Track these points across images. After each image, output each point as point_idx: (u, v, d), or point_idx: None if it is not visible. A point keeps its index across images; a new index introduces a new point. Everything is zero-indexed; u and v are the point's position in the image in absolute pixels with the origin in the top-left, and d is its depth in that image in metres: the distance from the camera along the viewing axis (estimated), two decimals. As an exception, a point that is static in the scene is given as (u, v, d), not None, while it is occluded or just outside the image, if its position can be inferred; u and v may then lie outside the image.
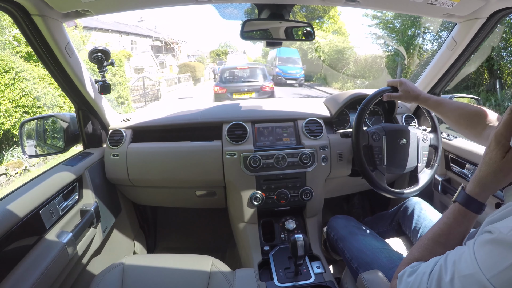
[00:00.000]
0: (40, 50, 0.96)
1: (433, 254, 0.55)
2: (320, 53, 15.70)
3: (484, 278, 0.40)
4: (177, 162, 1.28)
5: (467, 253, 0.45)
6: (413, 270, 0.54)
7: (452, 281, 0.44)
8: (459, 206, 0.57)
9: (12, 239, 0.78)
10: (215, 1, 1.03)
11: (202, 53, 38.48)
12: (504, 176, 0.54)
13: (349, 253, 1.01)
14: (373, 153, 1.18)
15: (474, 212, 0.57)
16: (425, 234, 0.62)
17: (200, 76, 20.86)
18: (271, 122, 1.35)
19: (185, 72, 19.18)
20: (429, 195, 1.42)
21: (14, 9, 0.83)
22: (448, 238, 0.57)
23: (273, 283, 1.02)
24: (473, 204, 0.56)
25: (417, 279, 0.51)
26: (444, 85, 1.36)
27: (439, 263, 0.49)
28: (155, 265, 0.97)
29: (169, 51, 26.36)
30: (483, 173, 0.56)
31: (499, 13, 0.97)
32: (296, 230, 1.28)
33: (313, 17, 18.46)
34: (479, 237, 0.46)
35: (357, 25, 55.07)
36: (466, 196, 0.57)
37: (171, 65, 23.51)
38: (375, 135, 1.18)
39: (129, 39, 22.01)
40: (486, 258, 0.42)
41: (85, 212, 1.11)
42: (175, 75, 18.26)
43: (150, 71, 20.18)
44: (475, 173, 0.58)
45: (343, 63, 14.43)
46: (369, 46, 29.04)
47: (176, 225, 1.89)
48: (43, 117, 1.27)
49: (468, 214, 0.57)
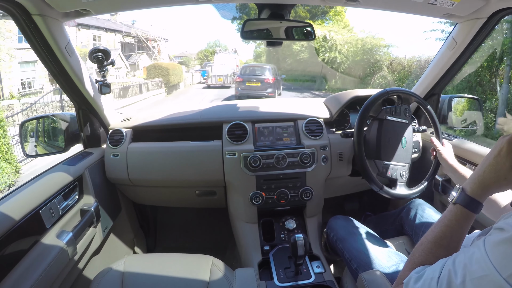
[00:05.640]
0: (40, 50, 0.96)
1: (437, 258, 0.55)
2: (336, 54, 12.48)
3: (500, 278, 0.39)
4: (177, 162, 1.28)
5: (478, 254, 0.44)
6: (419, 276, 0.53)
7: (463, 283, 0.44)
8: (461, 208, 0.57)
9: (12, 238, 0.78)
10: (215, 1, 1.03)
11: (189, 55, 34.99)
12: (507, 184, 0.54)
13: (349, 253, 1.01)
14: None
15: (475, 212, 0.57)
16: (426, 236, 0.61)
17: (177, 82, 16.76)
18: (271, 122, 1.35)
19: (155, 77, 14.92)
20: (429, 195, 1.42)
21: (14, 9, 0.83)
22: (450, 241, 0.57)
23: (273, 283, 1.02)
24: (474, 205, 0.56)
25: (424, 285, 0.50)
26: (444, 85, 1.36)
27: (446, 267, 0.48)
28: (155, 264, 0.98)
29: (144, 50, 21.61)
30: (487, 176, 0.55)
31: (500, 13, 0.97)
32: (296, 230, 1.28)
33: (316, 12, 16.72)
34: (489, 236, 0.45)
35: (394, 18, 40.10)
36: (468, 197, 0.56)
37: (145, 66, 19.10)
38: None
39: (90, 34, 17.06)
40: (501, 257, 0.41)
41: (85, 212, 1.11)
42: (143, 80, 14.38)
43: (118, 74, 16.76)
44: (477, 175, 0.57)
45: (373, 68, 10.92)
46: (415, 47, 23.03)
47: (176, 225, 1.89)
48: (43, 117, 1.27)
49: (470, 215, 0.57)
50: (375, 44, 11.64)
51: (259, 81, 10.61)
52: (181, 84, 18.11)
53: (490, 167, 0.55)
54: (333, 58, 12.66)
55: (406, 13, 1.10)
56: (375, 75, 10.67)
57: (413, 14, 1.10)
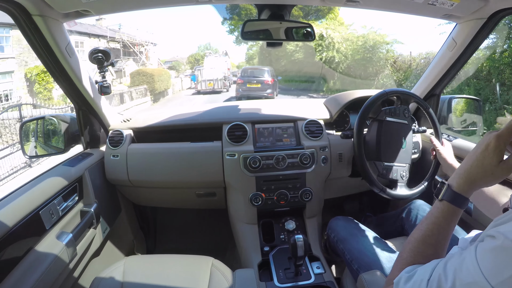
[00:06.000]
0: (40, 50, 0.96)
1: (425, 256, 0.55)
2: (334, 53, 11.60)
3: (489, 286, 0.40)
4: (177, 163, 1.28)
5: (468, 260, 0.44)
6: (409, 276, 0.52)
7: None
8: (447, 204, 0.56)
9: (12, 240, 0.78)
10: (215, 1, 1.03)
11: (181, 59, 33.77)
12: (494, 179, 0.55)
13: (350, 254, 1.01)
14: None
15: (462, 208, 0.56)
16: (413, 235, 0.60)
17: (164, 88, 15.64)
18: (271, 123, 1.35)
19: (139, 84, 14.08)
20: (430, 195, 1.42)
21: (14, 9, 0.83)
22: (438, 238, 0.57)
23: (273, 284, 1.02)
24: (461, 201, 0.56)
25: (414, 286, 0.50)
26: (444, 86, 1.36)
27: (437, 271, 0.48)
28: (155, 266, 0.97)
29: (131, 55, 19.92)
30: (474, 171, 0.55)
31: (500, 14, 0.97)
32: (296, 231, 1.28)
33: (309, 11, 15.26)
34: (481, 243, 0.45)
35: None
36: (454, 194, 0.56)
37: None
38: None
39: (72, 40, 15.46)
40: (491, 265, 0.41)
41: (85, 213, 1.11)
42: (126, 88, 13.33)
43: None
44: (463, 170, 0.57)
45: (375, 67, 9.97)
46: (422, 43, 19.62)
47: (176, 226, 1.88)
48: (43, 118, 1.27)
49: (457, 211, 0.56)
50: (377, 40, 10.60)
51: (259, 83, 11.28)
52: (170, 90, 16.95)
53: (477, 163, 0.55)
54: (331, 57, 11.84)
55: (405, 14, 1.10)
56: (379, 75, 9.88)
57: (412, 14, 1.11)
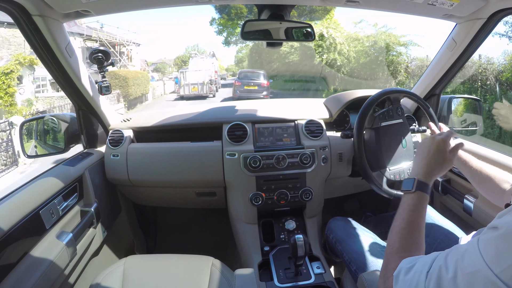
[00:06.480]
0: (40, 50, 0.96)
1: (414, 241, 0.62)
2: (336, 55, 10.30)
3: (491, 274, 0.39)
4: (177, 163, 1.28)
5: (471, 250, 0.44)
6: (409, 268, 0.53)
7: (454, 278, 0.44)
8: (419, 193, 0.68)
9: (12, 239, 0.78)
10: (215, 1, 1.03)
11: (168, 61, 32.53)
12: (449, 164, 0.73)
13: (348, 255, 1.00)
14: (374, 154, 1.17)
15: (429, 194, 0.69)
16: (397, 225, 0.65)
17: (141, 93, 13.96)
18: (271, 123, 1.35)
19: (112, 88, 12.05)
20: (429, 196, 1.42)
21: (14, 9, 0.83)
22: (419, 222, 0.65)
23: (273, 284, 1.02)
24: (428, 188, 0.69)
25: (414, 278, 0.50)
26: (444, 85, 1.36)
27: (437, 263, 0.48)
28: (155, 265, 0.97)
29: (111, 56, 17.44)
30: (433, 164, 0.72)
31: (499, 14, 0.97)
32: (296, 231, 1.28)
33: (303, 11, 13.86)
34: (483, 235, 0.45)
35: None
36: (422, 183, 0.69)
37: (104, 76, 16.44)
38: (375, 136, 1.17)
39: None
40: (493, 253, 0.41)
41: (85, 213, 1.11)
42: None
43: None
44: (423, 165, 0.72)
45: (386, 72, 8.56)
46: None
47: (176, 225, 1.88)
48: (43, 117, 1.27)
49: (426, 197, 0.68)
50: (391, 41, 8.93)
51: (256, 85, 11.92)
52: (149, 95, 15.22)
53: (434, 156, 0.72)
54: (332, 60, 10.57)
55: (406, 14, 1.10)
56: (391, 81, 8.26)
57: (413, 14, 1.11)
